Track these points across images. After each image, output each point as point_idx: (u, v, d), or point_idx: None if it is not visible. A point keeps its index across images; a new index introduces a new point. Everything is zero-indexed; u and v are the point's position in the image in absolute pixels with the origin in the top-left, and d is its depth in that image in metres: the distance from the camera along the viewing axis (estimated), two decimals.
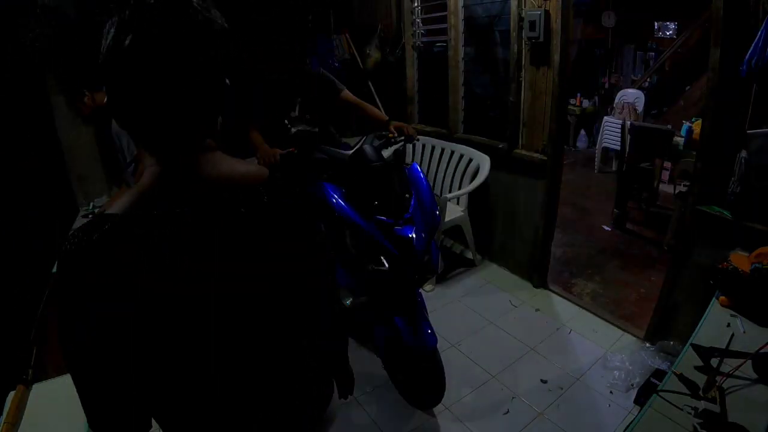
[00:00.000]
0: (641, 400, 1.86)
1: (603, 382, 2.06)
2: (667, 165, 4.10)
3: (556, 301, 2.72)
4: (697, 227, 1.92)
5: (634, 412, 1.84)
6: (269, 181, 0.70)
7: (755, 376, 1.17)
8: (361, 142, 1.95)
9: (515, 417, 1.91)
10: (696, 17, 5.13)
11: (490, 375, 2.15)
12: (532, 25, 2.34)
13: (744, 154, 1.67)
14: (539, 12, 2.30)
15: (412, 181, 1.92)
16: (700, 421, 1.05)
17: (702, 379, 1.17)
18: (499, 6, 2.65)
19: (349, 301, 1.86)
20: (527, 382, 2.10)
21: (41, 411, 1.43)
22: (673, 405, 1.13)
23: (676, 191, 3.71)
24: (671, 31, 5.99)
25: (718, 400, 1.07)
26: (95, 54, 0.58)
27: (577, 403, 1.97)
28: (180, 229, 0.61)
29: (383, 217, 1.74)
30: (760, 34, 1.52)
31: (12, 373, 1.54)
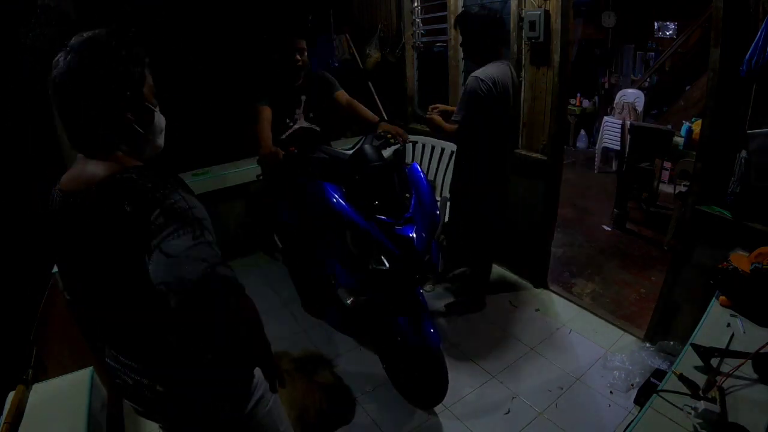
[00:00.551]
0: (641, 400, 1.86)
1: (603, 382, 2.06)
2: (667, 165, 4.11)
3: (556, 301, 2.72)
4: (697, 227, 1.92)
5: (634, 412, 1.85)
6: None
7: (755, 376, 1.17)
8: (361, 142, 1.95)
9: (515, 417, 1.92)
10: (696, 17, 5.14)
11: (490, 375, 2.15)
12: (532, 25, 2.34)
13: (744, 154, 1.68)
14: (539, 12, 2.30)
15: (413, 180, 1.92)
16: (700, 421, 1.05)
17: (702, 379, 1.17)
18: (499, 6, 2.65)
19: (349, 301, 1.86)
20: (527, 382, 2.10)
21: (41, 411, 1.43)
22: (673, 405, 1.13)
23: (676, 191, 3.71)
24: (671, 31, 6.00)
25: (718, 400, 1.07)
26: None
27: (577, 403, 1.97)
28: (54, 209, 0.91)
29: (384, 217, 1.74)
30: (760, 34, 1.52)
31: (12, 373, 1.54)
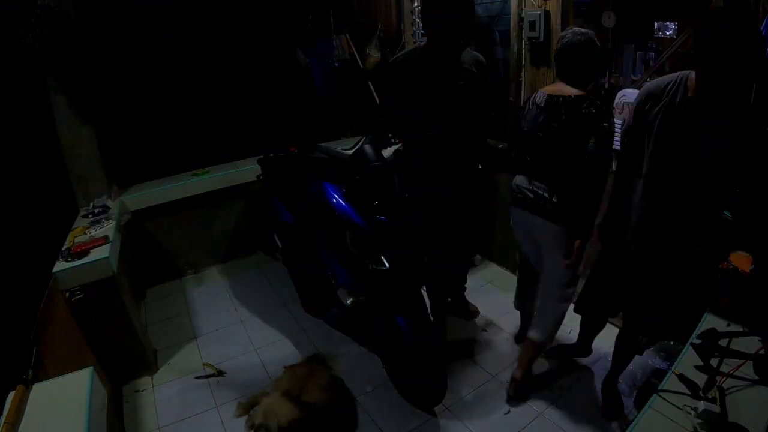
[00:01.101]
0: (641, 400, 1.86)
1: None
2: None
3: None
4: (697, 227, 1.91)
5: (634, 412, 1.84)
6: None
7: (755, 377, 1.17)
8: (361, 142, 1.95)
9: (515, 417, 1.91)
10: (696, 17, 5.13)
11: (490, 375, 2.15)
12: (532, 25, 2.34)
13: None
14: (539, 12, 2.30)
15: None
16: (700, 421, 1.05)
17: (702, 379, 1.17)
18: (499, 6, 2.65)
19: (349, 301, 1.86)
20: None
21: (41, 411, 1.43)
22: (673, 405, 1.13)
23: None
24: (671, 31, 5.99)
25: (718, 400, 1.07)
26: None
27: (578, 403, 1.97)
28: None
29: (384, 217, 1.74)
30: None
31: (12, 373, 1.54)
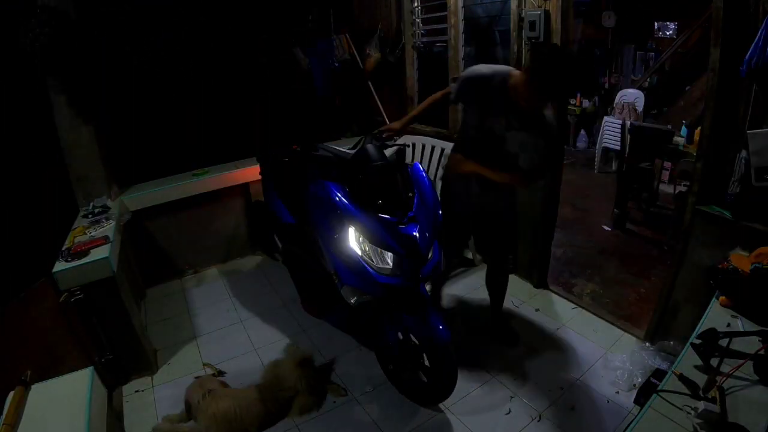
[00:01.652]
0: (641, 400, 1.85)
1: (603, 382, 2.06)
2: (667, 165, 4.11)
3: (556, 301, 2.72)
4: (697, 227, 1.92)
5: (634, 412, 1.84)
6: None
7: (755, 377, 1.17)
8: (363, 142, 1.95)
9: (515, 417, 1.91)
10: (696, 17, 5.13)
11: (491, 375, 2.15)
12: (532, 25, 2.34)
13: (744, 154, 1.67)
14: (539, 12, 2.30)
15: (415, 180, 1.92)
16: (700, 421, 1.05)
17: (702, 379, 1.17)
18: (499, 6, 2.65)
19: (353, 300, 1.86)
20: (527, 382, 2.10)
21: (41, 411, 1.43)
22: (673, 405, 1.13)
23: (676, 191, 3.71)
24: (671, 31, 6.00)
25: (718, 400, 1.07)
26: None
27: (578, 403, 1.97)
28: None
29: (387, 216, 1.74)
30: (760, 34, 1.52)
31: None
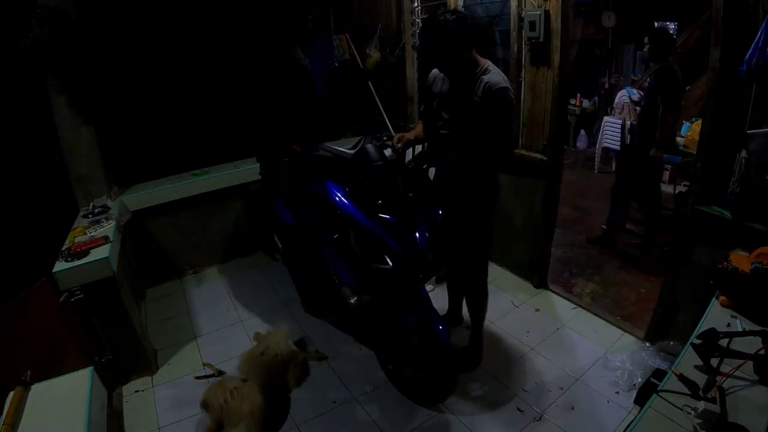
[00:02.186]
0: (641, 400, 1.85)
1: (603, 382, 2.06)
2: (668, 165, 4.10)
3: (556, 301, 2.72)
4: (697, 227, 1.92)
5: (634, 412, 1.84)
6: None
7: (755, 377, 1.17)
8: (363, 142, 1.95)
9: (516, 417, 1.91)
10: (696, 17, 5.13)
11: (491, 375, 2.15)
12: (532, 25, 2.34)
13: (744, 154, 1.67)
14: (539, 12, 2.30)
15: (415, 180, 1.92)
16: (700, 421, 1.05)
17: (702, 379, 1.17)
18: (499, 6, 2.65)
19: (353, 300, 1.86)
20: (527, 382, 2.10)
21: (41, 411, 1.43)
22: (673, 405, 1.13)
23: (676, 191, 3.71)
24: (671, 31, 5.99)
25: (718, 400, 1.07)
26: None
27: (578, 403, 1.97)
28: None
29: (387, 216, 1.74)
30: (760, 34, 1.52)
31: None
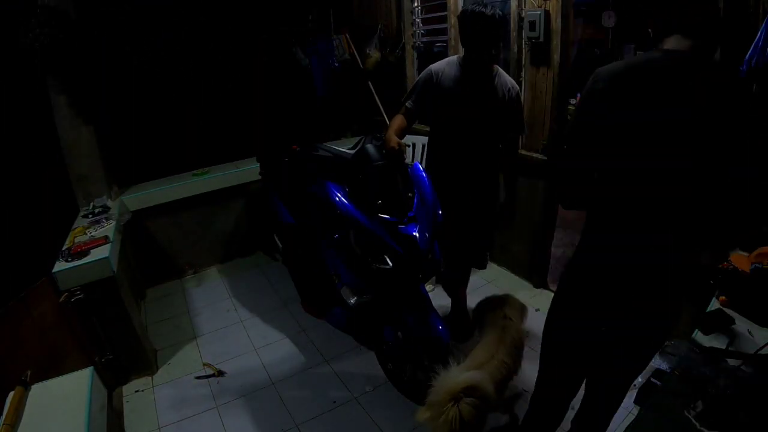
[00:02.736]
0: (641, 400, 1.85)
1: None
2: None
3: None
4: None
5: (634, 412, 1.84)
6: None
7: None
8: (363, 142, 1.95)
9: (516, 417, 1.91)
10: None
11: None
12: (532, 25, 2.34)
13: None
14: (539, 12, 2.30)
15: (415, 180, 1.92)
16: (699, 420, 1.05)
17: (702, 379, 1.17)
18: (499, 6, 2.65)
19: (353, 300, 1.86)
20: (528, 382, 2.09)
21: (41, 411, 1.43)
22: (673, 405, 1.13)
23: None
24: None
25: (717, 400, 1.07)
26: None
27: (578, 403, 1.96)
28: None
29: (387, 216, 1.74)
30: (760, 34, 1.52)
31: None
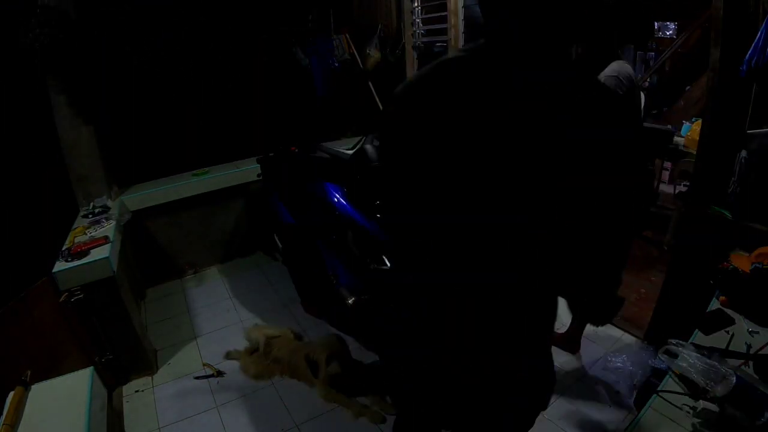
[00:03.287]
0: (641, 400, 1.85)
1: (603, 382, 2.06)
2: (667, 165, 4.10)
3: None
4: (697, 227, 1.91)
5: (634, 412, 1.84)
6: None
7: (756, 377, 1.17)
8: (361, 142, 1.95)
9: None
10: (696, 17, 5.13)
11: None
12: None
13: (744, 154, 1.67)
14: None
15: None
16: (699, 421, 1.05)
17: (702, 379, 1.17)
18: None
19: (351, 300, 1.86)
20: None
21: (41, 411, 1.43)
22: (673, 405, 1.13)
23: (676, 191, 3.71)
24: (671, 31, 5.99)
25: (717, 400, 1.07)
26: None
27: (578, 403, 1.97)
28: None
29: None
30: (760, 34, 1.52)
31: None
